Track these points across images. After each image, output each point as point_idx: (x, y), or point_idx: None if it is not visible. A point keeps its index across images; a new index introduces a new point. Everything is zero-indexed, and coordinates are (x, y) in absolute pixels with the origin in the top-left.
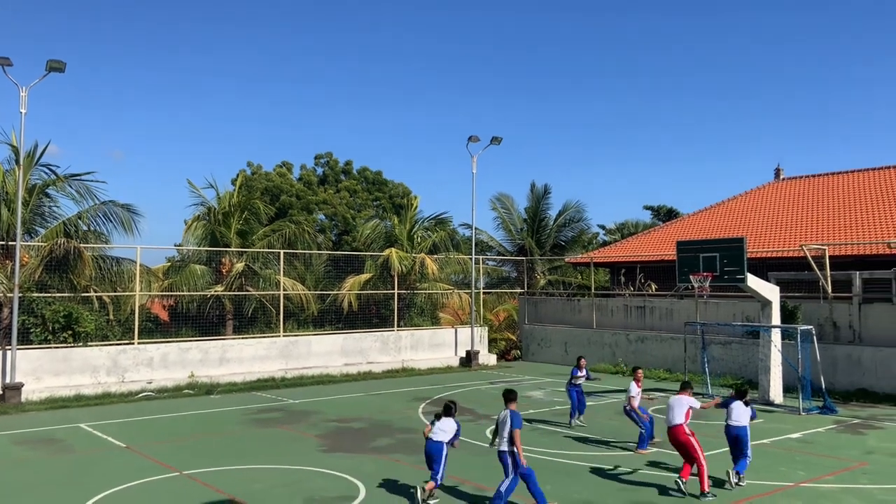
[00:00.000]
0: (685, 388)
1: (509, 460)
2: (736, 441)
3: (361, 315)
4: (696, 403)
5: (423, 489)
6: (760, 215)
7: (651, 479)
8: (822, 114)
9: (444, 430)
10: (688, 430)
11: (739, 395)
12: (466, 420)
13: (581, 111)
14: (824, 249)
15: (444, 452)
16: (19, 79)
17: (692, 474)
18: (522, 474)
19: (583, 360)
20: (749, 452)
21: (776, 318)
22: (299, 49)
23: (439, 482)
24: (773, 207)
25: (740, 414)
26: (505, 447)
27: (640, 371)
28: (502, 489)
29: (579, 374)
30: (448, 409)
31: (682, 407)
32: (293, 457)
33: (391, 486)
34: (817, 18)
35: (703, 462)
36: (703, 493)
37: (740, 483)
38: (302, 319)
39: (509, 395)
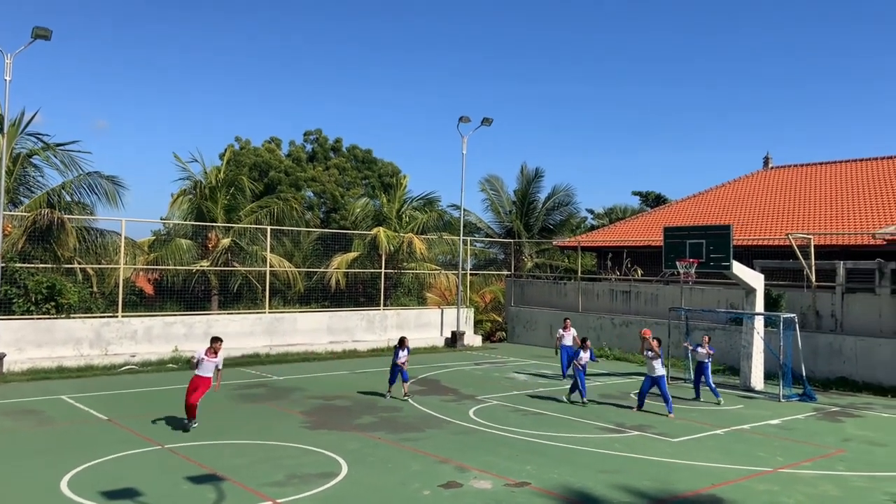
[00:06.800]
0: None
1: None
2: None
3: (348, 294)
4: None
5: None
6: (748, 203)
7: (630, 463)
8: (813, 104)
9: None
10: None
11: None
12: (450, 400)
13: (573, 96)
14: (810, 239)
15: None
16: (4, 46)
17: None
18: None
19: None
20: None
21: (760, 306)
22: (291, 25)
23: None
24: (760, 196)
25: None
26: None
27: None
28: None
29: (583, 354)
30: None
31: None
32: (276, 433)
33: (373, 463)
34: (812, 8)
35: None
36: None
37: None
38: (288, 297)
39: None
